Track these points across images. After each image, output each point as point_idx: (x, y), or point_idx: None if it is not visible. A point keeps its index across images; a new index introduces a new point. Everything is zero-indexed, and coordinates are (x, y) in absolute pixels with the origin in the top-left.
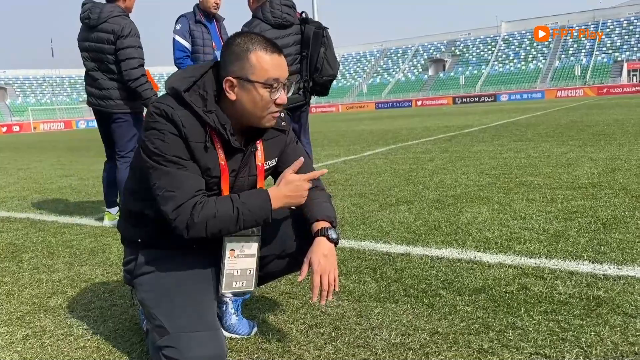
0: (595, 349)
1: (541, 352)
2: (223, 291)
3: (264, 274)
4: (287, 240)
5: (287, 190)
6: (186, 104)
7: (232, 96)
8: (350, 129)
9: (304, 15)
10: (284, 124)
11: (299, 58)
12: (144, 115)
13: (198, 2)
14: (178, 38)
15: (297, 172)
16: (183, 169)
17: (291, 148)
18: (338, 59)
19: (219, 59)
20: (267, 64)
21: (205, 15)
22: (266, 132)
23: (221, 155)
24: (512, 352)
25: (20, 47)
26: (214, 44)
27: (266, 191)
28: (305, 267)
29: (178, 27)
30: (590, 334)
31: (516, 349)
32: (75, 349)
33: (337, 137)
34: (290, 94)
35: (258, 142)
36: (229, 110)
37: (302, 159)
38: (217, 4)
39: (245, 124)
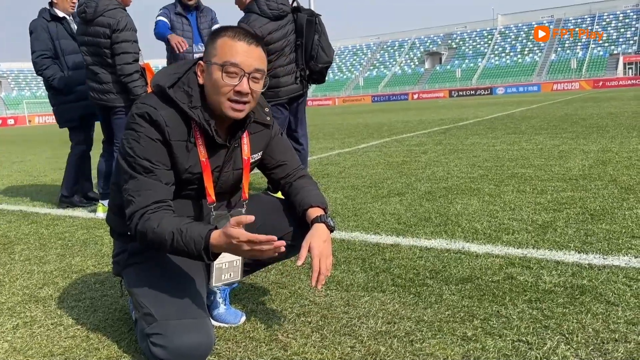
0: (577, 336)
1: (523, 339)
2: (214, 284)
3: (252, 261)
4: (275, 225)
5: (225, 244)
6: (170, 101)
7: (200, 80)
8: (345, 122)
9: (294, 3)
10: (268, 118)
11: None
12: None
13: None
14: (160, 17)
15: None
16: (151, 175)
17: (275, 141)
18: (335, 52)
19: (194, 51)
20: (229, 47)
21: (185, 7)
22: (248, 126)
23: (202, 152)
24: (495, 340)
25: (15, 40)
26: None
27: (209, 231)
28: (304, 251)
29: (160, 17)
30: (573, 322)
31: (499, 336)
32: (65, 339)
33: (332, 130)
34: (264, 89)
35: (244, 136)
36: (209, 104)
37: (252, 217)
38: None
39: (218, 114)
